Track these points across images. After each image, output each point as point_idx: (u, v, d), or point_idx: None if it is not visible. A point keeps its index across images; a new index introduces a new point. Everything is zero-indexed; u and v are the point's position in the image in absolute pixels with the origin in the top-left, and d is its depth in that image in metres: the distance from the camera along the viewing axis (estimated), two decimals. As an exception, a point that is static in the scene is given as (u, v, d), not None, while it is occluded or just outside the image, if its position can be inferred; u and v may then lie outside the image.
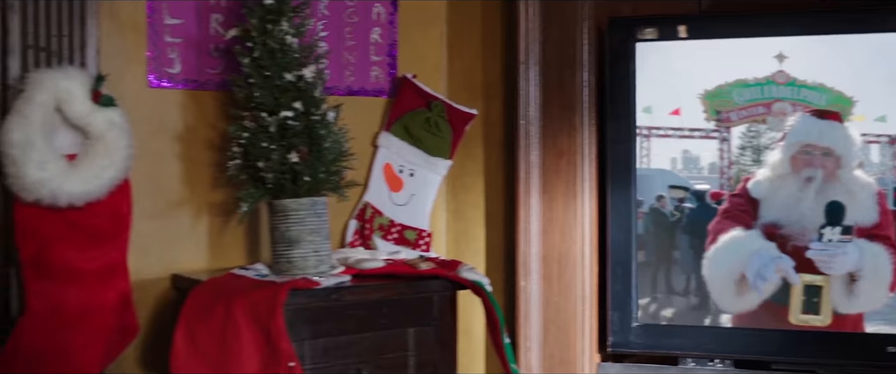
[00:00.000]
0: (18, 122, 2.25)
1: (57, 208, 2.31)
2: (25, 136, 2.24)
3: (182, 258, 2.69)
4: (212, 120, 2.72)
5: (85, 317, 2.39)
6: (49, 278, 2.35)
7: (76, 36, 2.44)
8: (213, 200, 2.73)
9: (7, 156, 2.25)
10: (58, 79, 2.31)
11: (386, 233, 3.00)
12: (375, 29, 3.01)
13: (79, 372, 2.39)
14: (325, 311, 2.40)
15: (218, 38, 2.71)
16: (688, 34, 2.99)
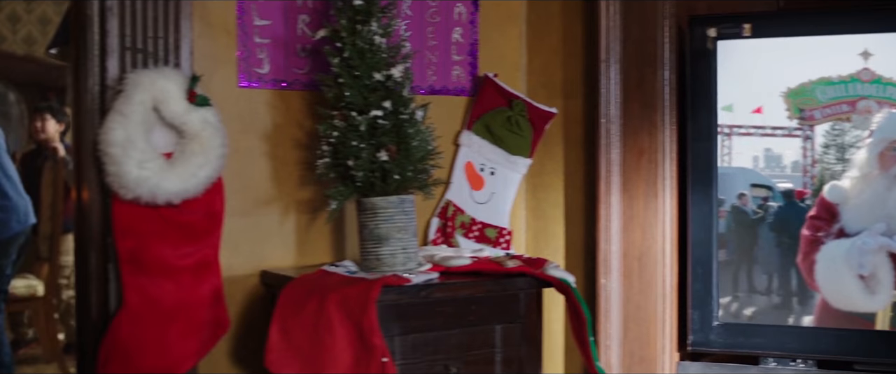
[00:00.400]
0: (119, 121, 2.31)
1: (154, 205, 2.37)
2: (126, 135, 2.30)
3: (270, 255, 2.74)
4: (299, 119, 2.77)
5: (180, 311, 2.45)
6: (145, 274, 2.41)
7: (171, 37, 2.50)
8: (299, 197, 2.77)
9: (108, 155, 2.31)
10: (156, 79, 2.37)
11: (467, 231, 3.03)
12: (457, 29, 3.04)
13: (174, 365, 2.45)
14: (414, 307, 2.43)
15: (305, 38, 2.76)
16: (769, 32, 2.96)
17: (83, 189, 2.54)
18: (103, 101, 2.44)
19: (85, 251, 2.51)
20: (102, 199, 2.45)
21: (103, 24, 2.44)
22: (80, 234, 2.57)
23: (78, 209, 2.59)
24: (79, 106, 2.54)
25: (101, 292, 2.47)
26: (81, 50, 2.50)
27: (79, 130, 2.56)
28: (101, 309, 2.47)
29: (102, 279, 2.47)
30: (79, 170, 2.57)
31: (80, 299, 2.58)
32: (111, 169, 2.31)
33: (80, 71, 2.51)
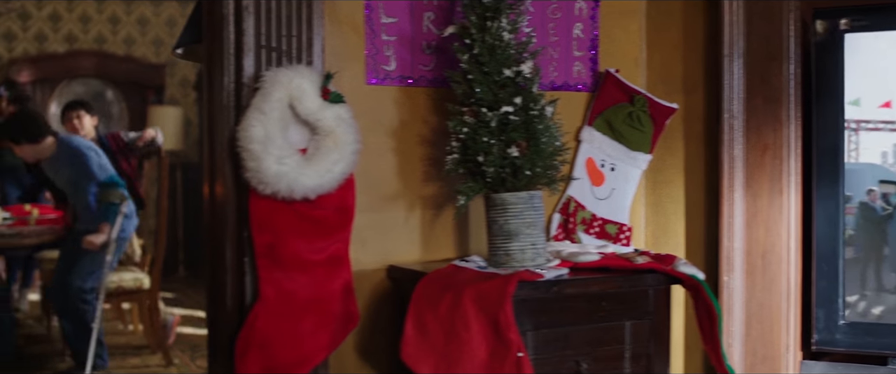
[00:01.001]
0: (259, 118, 2.36)
1: (290, 200, 2.41)
2: (265, 132, 2.35)
3: (396, 250, 2.77)
4: (424, 115, 2.79)
5: (313, 305, 2.49)
6: (281, 268, 2.46)
7: (304, 36, 2.54)
8: (425, 193, 2.80)
9: (247, 151, 2.36)
10: (292, 77, 2.41)
11: (588, 227, 3.02)
12: (577, 24, 3.03)
13: (307, 357, 2.49)
14: (546, 303, 2.44)
15: (430, 35, 2.78)
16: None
17: (216, 184, 2.60)
18: (238, 98, 2.50)
19: (220, 245, 2.57)
20: (237, 194, 2.51)
21: (239, 23, 2.49)
22: (213, 228, 2.63)
23: (210, 204, 2.65)
24: (212, 103, 2.60)
25: (236, 285, 2.53)
26: (216, 48, 2.56)
27: (212, 127, 2.62)
28: (236, 302, 2.53)
29: (238, 273, 2.52)
30: (211, 165, 2.63)
31: (213, 292, 2.64)
32: (250, 165, 2.36)
33: (215, 69, 2.57)
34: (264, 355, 2.43)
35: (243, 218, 2.49)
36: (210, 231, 2.65)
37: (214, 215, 2.61)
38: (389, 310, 2.73)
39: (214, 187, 2.61)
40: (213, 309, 2.63)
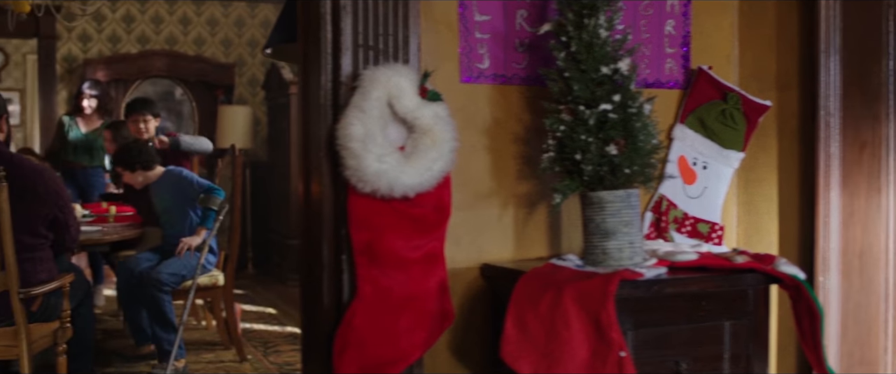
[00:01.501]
0: (358, 116, 2.38)
1: (388, 198, 2.42)
2: (365, 130, 2.37)
3: (489, 248, 2.76)
4: (517, 113, 2.78)
5: (410, 303, 2.50)
6: (379, 265, 2.47)
7: (400, 34, 2.55)
8: (518, 191, 2.79)
9: (347, 149, 2.37)
10: (390, 75, 2.42)
11: (679, 226, 2.98)
12: (669, 21, 3.00)
13: (404, 355, 2.50)
14: (645, 302, 2.41)
15: (523, 32, 2.77)
16: None
17: (312, 183, 2.62)
18: (336, 97, 2.51)
19: (316, 243, 2.59)
20: (334, 192, 2.53)
21: (337, 22, 2.51)
22: (309, 226, 2.65)
23: (306, 203, 2.67)
24: (308, 102, 2.62)
25: (333, 282, 2.55)
26: (313, 48, 2.58)
27: (307, 125, 2.65)
28: (333, 299, 2.54)
29: (335, 270, 2.54)
30: (306, 164, 2.66)
31: (309, 290, 2.67)
32: (350, 163, 2.38)
33: (311, 68, 2.59)
34: (361, 352, 2.45)
35: (340, 216, 2.51)
36: (306, 229, 2.68)
37: (310, 213, 2.64)
38: (482, 308, 2.73)
39: (310, 185, 2.63)
40: (310, 307, 2.65)
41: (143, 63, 10.30)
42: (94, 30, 10.30)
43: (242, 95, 10.89)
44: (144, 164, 5.90)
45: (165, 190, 6.00)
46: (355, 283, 2.49)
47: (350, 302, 2.49)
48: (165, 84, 10.63)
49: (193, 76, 10.55)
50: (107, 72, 10.19)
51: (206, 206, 5.62)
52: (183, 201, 5.94)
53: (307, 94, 2.63)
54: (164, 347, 5.69)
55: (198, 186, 5.86)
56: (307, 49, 2.62)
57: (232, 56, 10.87)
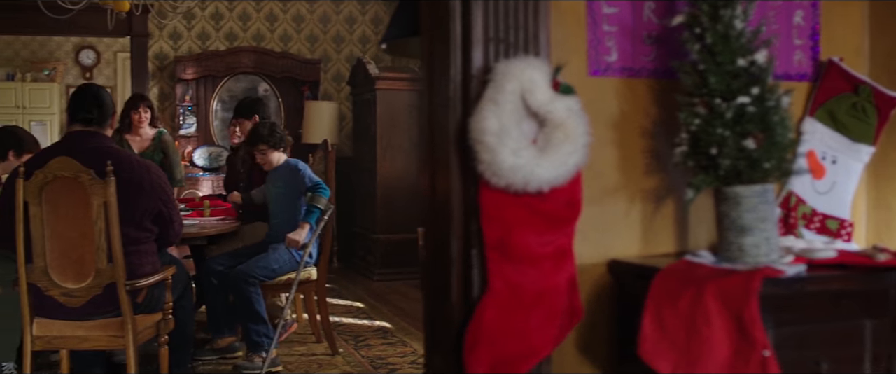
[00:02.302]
0: (493, 110, 2.36)
1: (520, 193, 2.40)
2: (500, 123, 2.35)
3: (615, 244, 2.73)
4: (645, 107, 2.74)
5: (540, 298, 2.48)
6: (510, 261, 2.45)
7: (531, 27, 2.52)
8: (645, 186, 2.75)
9: (482, 143, 2.36)
10: (523, 68, 2.40)
11: (808, 222, 2.91)
12: (798, 12, 2.92)
13: (534, 351, 2.48)
14: (785, 300, 2.35)
15: (650, 25, 2.73)
16: None
17: (438, 177, 2.61)
18: (466, 90, 2.50)
19: (444, 237, 2.58)
20: (463, 186, 2.51)
21: (467, 15, 2.49)
22: (435, 221, 2.64)
23: (432, 197, 2.66)
24: (435, 96, 2.61)
25: (462, 278, 2.53)
26: (441, 41, 2.57)
27: (433, 119, 2.63)
28: (462, 294, 2.53)
29: (465, 266, 2.52)
30: (432, 158, 2.65)
31: (435, 285, 2.66)
32: (485, 157, 2.36)
33: (438, 62, 2.58)
34: (492, 348, 2.43)
35: (470, 211, 2.49)
36: (432, 224, 2.67)
37: (436, 207, 2.62)
38: (609, 305, 2.69)
39: (436, 179, 2.62)
40: (435, 302, 2.64)
41: (232, 60, 10.47)
42: (185, 28, 10.49)
43: (327, 90, 10.98)
44: (271, 143, 6.03)
45: (280, 179, 6.15)
46: (485, 278, 2.48)
47: (480, 298, 2.48)
48: (251, 80, 10.78)
49: (280, 72, 10.67)
50: (196, 69, 10.37)
51: (311, 204, 5.78)
52: (293, 192, 6.08)
53: (433, 88, 2.62)
54: (253, 338, 5.79)
55: (308, 180, 6.01)
56: (433, 43, 2.61)
57: (317, 52, 10.97)
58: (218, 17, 10.63)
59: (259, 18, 10.77)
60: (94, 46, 13.49)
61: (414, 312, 8.01)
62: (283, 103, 10.87)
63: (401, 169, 9.43)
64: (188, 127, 10.51)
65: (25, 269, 4.45)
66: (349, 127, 10.91)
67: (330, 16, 11.01)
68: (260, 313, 5.81)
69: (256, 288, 5.86)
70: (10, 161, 5.61)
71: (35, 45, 13.34)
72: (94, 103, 4.78)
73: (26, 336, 4.54)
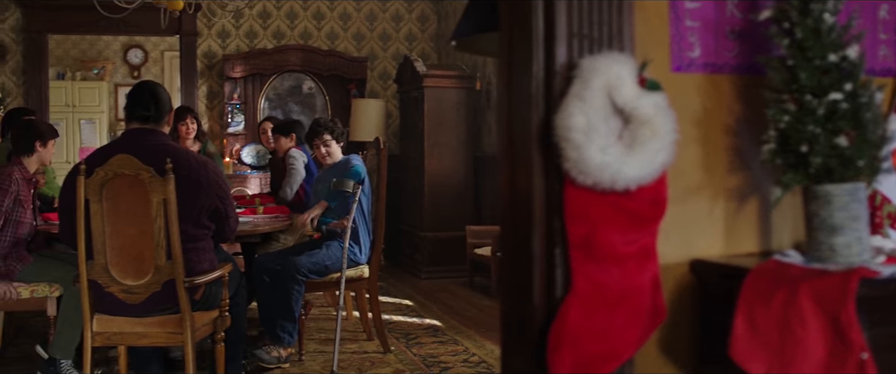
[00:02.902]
0: (580, 107, 2.32)
1: (605, 192, 2.36)
2: (587, 120, 2.31)
3: (697, 243, 2.68)
4: (728, 103, 2.69)
5: (624, 299, 2.44)
6: (594, 260, 2.41)
7: (614, 22, 2.48)
8: (728, 184, 2.69)
9: (569, 140, 2.32)
10: (610, 64, 2.36)
11: (893, 222, 2.84)
12: (883, 6, 2.85)
13: (617, 352, 2.44)
14: (881, 301, 2.29)
15: (734, 20, 2.68)
16: None
17: (518, 175, 2.57)
18: (549, 87, 2.46)
19: (525, 236, 2.54)
20: (546, 184, 2.48)
21: (550, 10, 2.46)
22: (515, 219, 2.61)
23: (511, 195, 2.63)
24: (516, 92, 2.58)
25: (545, 277, 2.50)
26: (521, 37, 2.53)
27: (513, 116, 2.60)
28: (545, 294, 2.50)
29: (547, 265, 2.49)
30: (512, 155, 2.61)
31: (513, 283, 2.62)
32: (571, 155, 2.32)
33: (519, 58, 2.55)
34: (576, 349, 2.40)
35: (552, 209, 2.46)
36: (511, 223, 2.63)
37: (517, 205, 2.59)
38: (691, 305, 2.65)
39: (516, 177, 2.59)
40: (516, 302, 2.61)
41: (279, 58, 10.52)
42: (233, 26, 10.54)
43: (373, 88, 10.99)
44: (334, 133, 6.17)
45: (335, 175, 6.19)
46: (568, 278, 2.44)
47: (563, 298, 2.44)
48: (297, 78, 10.82)
49: (326, 70, 10.70)
50: (244, 67, 10.42)
51: (340, 189, 5.82)
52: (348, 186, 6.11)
53: (513, 84, 2.59)
54: (278, 332, 5.85)
55: (353, 175, 6.04)
56: (514, 39, 2.58)
57: (364, 50, 10.98)
58: (265, 16, 10.68)
59: (306, 17, 10.80)
60: (142, 45, 13.62)
61: (463, 310, 7.99)
62: (330, 101, 10.89)
63: (448, 167, 9.42)
64: (236, 125, 10.57)
65: (86, 266, 4.48)
66: (395, 124, 10.91)
67: (376, 14, 11.02)
68: (293, 311, 5.85)
69: (301, 287, 5.89)
70: (38, 152, 5.68)
71: (84, 45, 13.49)
72: (151, 100, 4.80)
73: (87, 332, 4.57)
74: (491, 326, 7.23)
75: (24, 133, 5.69)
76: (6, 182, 5.34)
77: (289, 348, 5.82)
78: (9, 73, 10.06)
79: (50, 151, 5.73)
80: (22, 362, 6.09)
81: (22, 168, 5.53)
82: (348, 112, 10.30)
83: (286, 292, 5.79)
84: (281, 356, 5.77)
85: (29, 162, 5.62)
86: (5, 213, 5.34)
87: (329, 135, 6.23)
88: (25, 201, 5.44)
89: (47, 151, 5.71)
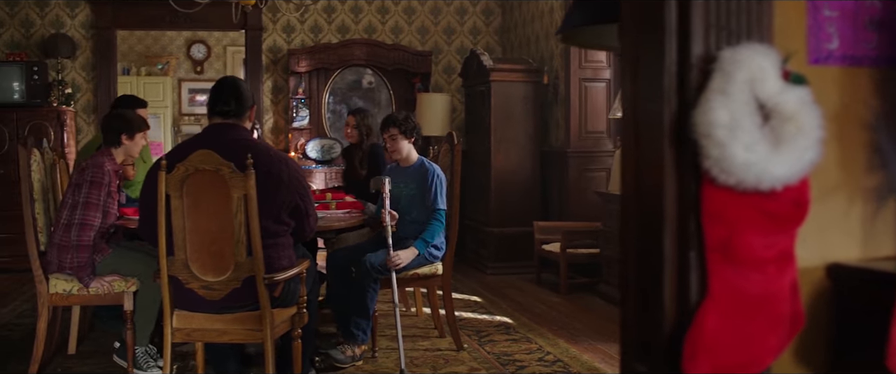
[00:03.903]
0: (722, 101, 2.19)
1: (746, 192, 2.23)
2: (731, 116, 2.18)
3: (834, 247, 2.53)
4: (865, 97, 2.54)
5: (764, 305, 2.30)
6: (733, 264, 2.28)
7: (753, 12, 2.35)
8: (866, 184, 2.55)
9: (710, 137, 2.19)
10: (752, 56, 2.23)
11: None
12: None
13: (756, 361, 2.31)
14: None
15: (873, 9, 2.53)
16: None
17: (646, 172, 2.45)
18: (682, 81, 2.34)
19: (653, 238, 2.42)
20: (678, 182, 2.35)
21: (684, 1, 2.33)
22: (641, 220, 2.49)
23: (637, 193, 2.51)
24: (642, 86, 2.46)
25: (677, 281, 2.37)
26: (650, 28, 2.41)
27: (639, 111, 2.48)
28: (676, 299, 2.37)
29: (680, 268, 2.36)
30: (637, 151, 2.49)
31: (637, 287, 2.50)
32: (713, 152, 2.19)
33: (647, 50, 2.42)
34: (713, 357, 2.27)
35: (685, 209, 2.33)
36: (635, 224, 2.51)
37: (643, 206, 2.47)
38: (827, 311, 2.51)
39: (641, 176, 2.47)
40: (642, 307, 2.49)
41: (344, 52, 10.47)
42: (297, 21, 10.51)
43: (438, 82, 10.92)
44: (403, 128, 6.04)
45: (412, 181, 6.12)
46: (704, 282, 2.31)
47: (698, 303, 2.31)
48: (357, 72, 10.78)
49: (391, 65, 10.64)
50: (309, 61, 10.39)
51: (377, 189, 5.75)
52: (422, 194, 6.04)
53: (638, 78, 2.46)
54: (352, 329, 5.82)
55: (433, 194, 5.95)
56: (640, 30, 2.45)
57: (428, 44, 10.91)
58: (330, 10, 10.64)
59: (370, 11, 10.74)
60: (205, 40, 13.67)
61: (532, 307, 7.91)
62: (394, 95, 10.83)
63: (515, 162, 9.31)
64: (301, 119, 10.54)
65: (166, 261, 4.45)
66: (460, 119, 10.82)
67: (440, 7, 10.93)
68: (369, 309, 5.81)
69: (377, 285, 5.86)
70: (124, 144, 5.64)
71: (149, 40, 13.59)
72: (232, 95, 4.77)
73: (167, 328, 4.55)
74: (563, 323, 7.12)
75: (110, 125, 5.66)
76: (99, 174, 5.32)
77: (363, 345, 5.78)
78: (78, 68, 10.13)
79: (137, 143, 5.68)
80: (98, 355, 6.11)
81: (111, 159, 5.50)
82: (413, 106, 10.22)
83: (362, 290, 5.74)
84: (355, 355, 5.73)
85: (116, 154, 5.59)
86: (102, 206, 5.33)
87: (397, 129, 6.13)
88: (113, 194, 5.44)
89: (135, 144, 5.66)
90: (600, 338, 6.60)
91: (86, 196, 5.23)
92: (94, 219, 5.22)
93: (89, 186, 5.25)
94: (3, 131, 8.98)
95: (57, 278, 5.38)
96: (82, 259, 5.26)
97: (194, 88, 13.65)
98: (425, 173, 6.04)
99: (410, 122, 6.19)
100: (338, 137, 10.30)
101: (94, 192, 5.23)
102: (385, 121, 6.24)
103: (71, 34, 10.04)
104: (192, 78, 13.64)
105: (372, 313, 5.77)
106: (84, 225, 5.22)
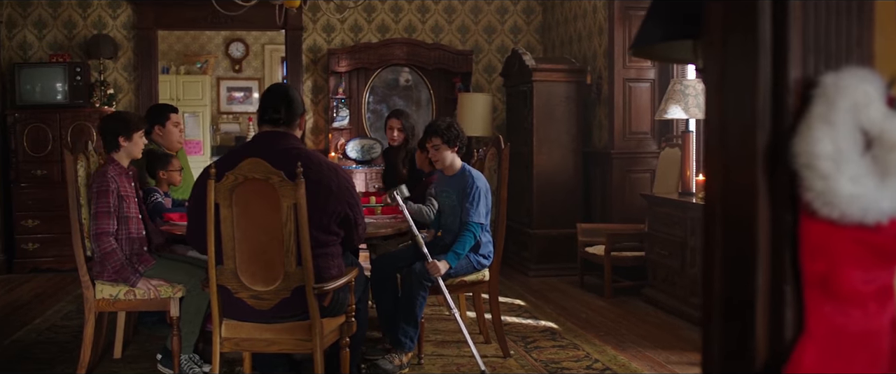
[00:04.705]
0: (826, 131, 2.07)
1: (849, 225, 2.11)
2: (836, 147, 2.06)
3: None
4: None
5: (864, 343, 2.19)
6: (833, 300, 2.17)
7: (853, 33, 2.22)
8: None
9: (813, 169, 2.07)
10: (858, 82, 2.11)
11: None
12: None
13: (854, 402, 2.20)
14: None
15: (977, 28, 2.39)
16: None
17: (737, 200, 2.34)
18: (777, 105, 2.22)
19: (744, 270, 2.31)
20: (772, 213, 2.24)
21: (780, 19, 2.21)
22: (729, 249, 2.37)
23: (723, 221, 2.40)
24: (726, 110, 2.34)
25: (776, 316, 2.26)
26: (738, 48, 2.29)
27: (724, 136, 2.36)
28: (776, 335, 2.25)
29: (776, 302, 2.25)
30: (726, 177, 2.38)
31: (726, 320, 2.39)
32: (817, 184, 2.07)
33: (734, 71, 2.30)
34: (809, 396, 2.16)
35: (780, 241, 2.22)
36: (721, 253, 2.39)
37: (731, 236, 2.35)
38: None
39: (728, 202, 2.35)
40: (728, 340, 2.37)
41: (384, 52, 10.41)
42: (337, 20, 10.45)
43: (478, 81, 10.83)
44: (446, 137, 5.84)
45: (454, 189, 6.03)
46: (800, 318, 2.20)
47: (793, 339, 2.20)
48: (394, 71, 10.71)
49: (431, 64, 10.56)
50: (349, 61, 10.33)
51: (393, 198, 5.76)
52: (461, 204, 5.93)
53: (726, 101, 2.35)
54: (400, 337, 5.76)
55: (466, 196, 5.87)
56: (729, 50, 2.33)
57: (468, 43, 10.81)
58: (370, 9, 10.56)
59: (410, 10, 10.66)
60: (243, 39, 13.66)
61: (577, 311, 7.81)
62: (435, 95, 10.75)
63: (557, 163, 9.21)
64: (341, 119, 10.49)
65: (216, 271, 4.40)
66: (500, 119, 10.72)
67: (481, 6, 10.82)
68: (417, 316, 5.76)
69: (426, 292, 5.80)
70: (123, 147, 5.60)
71: (187, 39, 13.59)
72: (283, 103, 4.71)
73: (215, 337, 4.51)
74: (609, 329, 7.02)
75: (106, 130, 5.64)
76: (103, 183, 5.32)
77: (409, 352, 5.72)
78: (120, 69, 10.12)
79: (137, 143, 5.63)
80: (143, 359, 6.10)
81: (115, 165, 5.48)
82: (453, 106, 10.13)
83: (411, 297, 5.67)
84: (402, 363, 5.67)
85: (119, 157, 5.57)
86: (115, 212, 5.33)
87: (439, 138, 5.99)
88: (128, 197, 5.41)
89: (134, 145, 5.62)
90: (648, 345, 6.49)
91: (95, 207, 5.28)
92: (107, 225, 5.27)
93: (96, 196, 5.28)
94: (46, 132, 8.99)
95: (103, 284, 5.38)
96: (115, 264, 5.29)
97: (232, 87, 13.65)
98: (464, 184, 5.90)
99: (454, 130, 6.03)
100: (378, 137, 10.24)
101: (103, 201, 5.27)
102: (427, 129, 6.10)
103: (113, 35, 10.03)
104: (230, 76, 13.63)
105: (420, 320, 5.71)
106: (99, 234, 5.27)
